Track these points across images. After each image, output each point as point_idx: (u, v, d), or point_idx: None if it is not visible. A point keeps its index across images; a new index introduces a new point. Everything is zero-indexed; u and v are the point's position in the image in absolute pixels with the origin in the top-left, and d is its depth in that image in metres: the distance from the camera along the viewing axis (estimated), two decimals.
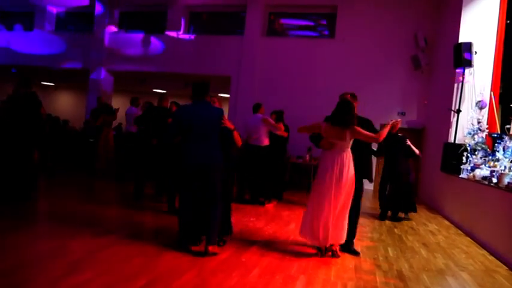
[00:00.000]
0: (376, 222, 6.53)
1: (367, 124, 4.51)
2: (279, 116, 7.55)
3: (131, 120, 8.44)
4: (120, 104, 13.83)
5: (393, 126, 4.51)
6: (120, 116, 9.71)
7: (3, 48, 13.66)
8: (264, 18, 11.74)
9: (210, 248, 3.97)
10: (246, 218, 5.87)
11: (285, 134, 7.13)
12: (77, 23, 14.10)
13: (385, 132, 4.26)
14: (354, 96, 4.63)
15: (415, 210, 6.97)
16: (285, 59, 11.31)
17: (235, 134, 4.25)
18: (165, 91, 14.84)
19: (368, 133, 4.26)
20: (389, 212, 6.86)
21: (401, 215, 6.91)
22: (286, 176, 9.69)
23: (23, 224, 4.65)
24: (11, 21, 14.36)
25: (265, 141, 6.96)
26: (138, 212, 5.79)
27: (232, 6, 12.10)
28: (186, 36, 12.33)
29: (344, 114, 4.18)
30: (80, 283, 3.04)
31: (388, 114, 10.32)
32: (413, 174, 7.28)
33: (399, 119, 4.77)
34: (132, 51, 12.66)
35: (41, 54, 13.39)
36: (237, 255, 4.07)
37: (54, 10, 13.96)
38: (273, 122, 6.99)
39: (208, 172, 4.03)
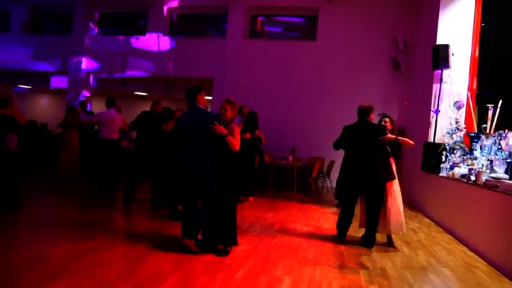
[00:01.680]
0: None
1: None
2: (250, 117, 7.14)
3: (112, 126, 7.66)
4: (100, 107, 13.63)
5: None
6: None
7: None
8: (246, 20, 11.75)
9: (185, 240, 4.06)
10: None
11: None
12: (56, 24, 13.82)
13: None
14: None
15: None
16: (267, 60, 11.35)
17: (229, 139, 4.05)
18: (146, 93, 14.67)
19: None
20: None
21: None
22: (270, 177, 9.71)
23: (1, 231, 4.51)
24: None
25: None
26: (121, 216, 5.70)
27: (214, 8, 12.08)
28: (168, 39, 12.24)
29: None
30: None
31: None
32: None
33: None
34: (113, 54, 12.48)
35: (17, 56, 13.07)
36: (221, 257, 4.05)
37: (31, 11, 13.64)
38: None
39: (196, 177, 4.09)
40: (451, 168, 6.70)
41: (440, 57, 7.72)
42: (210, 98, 12.07)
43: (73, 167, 8.64)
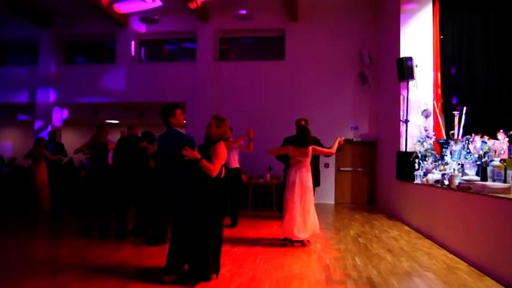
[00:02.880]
0: (341, 233, 6.62)
1: (317, 142, 6.09)
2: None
3: None
4: (71, 137, 13.33)
5: (339, 142, 5.83)
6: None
7: None
8: (214, 44, 11.89)
9: (165, 278, 3.78)
10: None
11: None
12: (21, 55, 13.51)
13: (335, 147, 5.75)
14: (306, 121, 6.12)
15: None
16: (238, 82, 11.47)
17: (203, 164, 3.78)
18: (118, 121, 14.45)
19: (324, 149, 5.86)
20: None
21: None
22: (249, 197, 9.67)
23: None
24: None
25: None
26: (97, 246, 5.49)
27: (182, 33, 12.18)
28: (137, 65, 12.21)
29: (305, 138, 5.49)
30: None
31: (341, 129, 10.69)
32: None
33: (343, 137, 5.94)
34: (82, 83, 12.30)
35: None
36: (205, 280, 3.94)
37: None
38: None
39: (172, 202, 3.94)
40: (425, 174, 6.89)
41: (405, 69, 8.04)
42: (184, 121, 12.02)
43: (43, 201, 8.37)
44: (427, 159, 7.24)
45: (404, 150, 8.06)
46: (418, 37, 8.42)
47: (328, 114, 10.76)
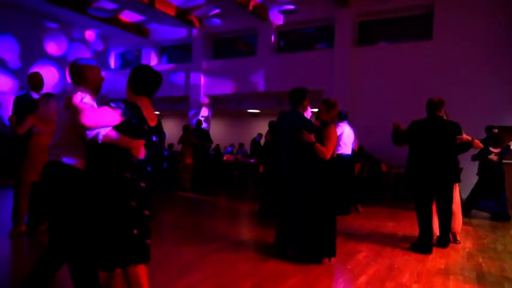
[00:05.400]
0: (499, 232, 5.78)
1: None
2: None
3: None
4: (218, 126, 14.72)
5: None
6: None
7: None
8: (353, 28, 11.51)
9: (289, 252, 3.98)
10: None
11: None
12: (176, 54, 15.55)
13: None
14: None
15: None
16: (379, 67, 10.87)
17: (316, 147, 3.81)
18: (258, 110, 15.31)
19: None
20: None
21: None
22: (388, 186, 9.19)
23: None
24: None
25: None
26: (240, 224, 5.97)
27: (319, 20, 12.16)
28: (276, 56, 12.70)
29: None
30: (192, 283, 3.23)
31: (509, 115, 9.21)
32: None
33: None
34: (227, 76, 13.40)
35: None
36: (341, 262, 3.93)
37: (159, 44, 15.62)
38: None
39: (290, 183, 4.00)
40: None
41: None
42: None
43: (183, 181, 9.52)
44: None
45: None
46: None
47: (489, 98, 9.33)
